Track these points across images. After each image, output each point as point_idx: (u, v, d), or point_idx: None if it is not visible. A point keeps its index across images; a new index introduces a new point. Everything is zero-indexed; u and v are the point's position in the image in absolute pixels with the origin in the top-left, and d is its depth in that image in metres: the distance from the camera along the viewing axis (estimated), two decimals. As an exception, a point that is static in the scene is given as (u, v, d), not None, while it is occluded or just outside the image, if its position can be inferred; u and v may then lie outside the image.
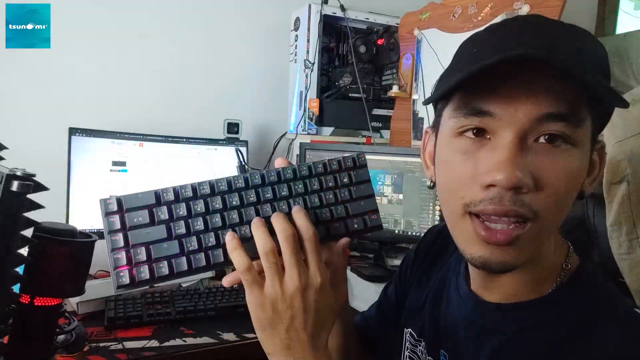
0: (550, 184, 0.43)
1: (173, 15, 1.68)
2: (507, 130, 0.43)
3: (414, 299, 0.69)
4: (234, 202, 0.52)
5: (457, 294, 0.59)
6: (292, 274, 0.48)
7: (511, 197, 0.42)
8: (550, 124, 0.42)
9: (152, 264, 0.49)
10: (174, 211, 0.50)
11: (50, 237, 0.66)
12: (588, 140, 0.45)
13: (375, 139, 1.73)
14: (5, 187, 0.58)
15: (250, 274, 0.48)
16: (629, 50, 2.04)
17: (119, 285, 0.49)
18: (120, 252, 0.49)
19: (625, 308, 0.48)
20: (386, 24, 1.79)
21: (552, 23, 0.45)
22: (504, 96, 0.43)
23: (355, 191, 0.57)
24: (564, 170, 0.43)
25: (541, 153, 0.43)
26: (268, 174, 0.54)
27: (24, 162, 0.63)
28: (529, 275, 0.51)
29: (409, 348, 0.66)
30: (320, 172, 0.56)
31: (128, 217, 0.49)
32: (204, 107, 1.75)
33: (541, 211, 0.43)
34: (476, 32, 0.50)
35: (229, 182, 0.52)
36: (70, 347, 0.85)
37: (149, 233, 0.49)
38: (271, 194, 0.53)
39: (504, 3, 1.36)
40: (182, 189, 0.51)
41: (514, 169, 0.41)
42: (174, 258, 0.50)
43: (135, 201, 0.50)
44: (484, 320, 0.54)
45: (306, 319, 0.49)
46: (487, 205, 0.43)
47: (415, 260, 0.73)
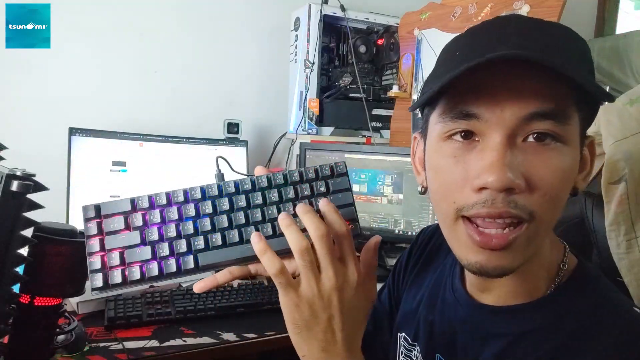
0: (542, 183, 0.42)
1: (173, 15, 1.68)
2: (495, 132, 0.42)
3: (408, 302, 0.68)
4: (207, 210, 0.53)
5: (453, 296, 0.58)
6: (329, 272, 0.47)
7: (504, 199, 0.42)
8: (538, 122, 0.42)
9: (125, 268, 0.51)
10: (148, 218, 0.52)
11: (50, 237, 0.67)
12: (577, 136, 0.45)
13: (375, 139, 1.73)
14: (5, 187, 0.58)
15: (284, 276, 0.47)
16: (628, 50, 2.05)
17: (93, 288, 0.51)
18: (96, 256, 0.51)
19: (625, 308, 0.48)
20: (386, 24, 1.80)
21: (533, 22, 0.45)
22: (489, 98, 0.42)
23: (332, 200, 0.55)
24: (555, 169, 0.42)
25: (531, 152, 0.42)
26: (242, 183, 0.55)
27: (24, 162, 0.64)
28: (526, 276, 0.50)
29: (404, 353, 0.65)
30: (296, 181, 0.55)
31: (105, 223, 0.52)
32: (204, 107, 1.75)
33: (536, 211, 0.42)
34: (458, 35, 0.49)
35: (202, 190, 0.54)
36: (70, 347, 0.86)
37: (123, 238, 0.51)
38: (244, 202, 0.54)
39: (504, 3, 1.36)
40: (156, 196, 0.53)
41: (505, 171, 0.41)
42: (146, 263, 0.51)
43: (111, 208, 0.52)
44: (482, 323, 0.53)
45: (343, 319, 0.48)
46: (480, 208, 0.43)
47: (409, 262, 0.72)
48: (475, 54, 0.42)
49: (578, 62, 0.43)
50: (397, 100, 1.73)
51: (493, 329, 0.52)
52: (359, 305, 0.50)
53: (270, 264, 0.47)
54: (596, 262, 0.89)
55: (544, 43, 0.42)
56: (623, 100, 0.87)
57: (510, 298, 0.51)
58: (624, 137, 0.82)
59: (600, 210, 0.85)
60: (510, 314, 0.51)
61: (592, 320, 0.46)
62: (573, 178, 0.46)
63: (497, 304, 0.52)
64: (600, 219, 0.85)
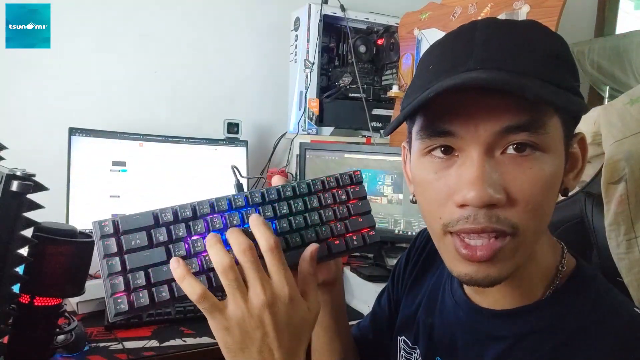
0: (523, 195, 0.42)
1: (173, 15, 1.68)
2: (472, 148, 0.43)
3: (407, 305, 0.67)
4: (235, 221, 0.51)
5: (453, 299, 0.58)
6: (256, 288, 0.44)
7: (485, 214, 0.42)
8: (513, 135, 0.42)
9: (152, 288, 0.46)
10: (173, 232, 0.48)
11: (50, 237, 0.67)
12: (559, 139, 0.44)
13: (375, 139, 1.73)
14: (5, 187, 0.58)
15: (208, 301, 0.44)
16: (629, 50, 2.05)
17: (116, 313, 0.45)
18: (117, 277, 0.46)
19: (624, 308, 0.48)
20: (386, 24, 1.80)
21: (499, 29, 0.44)
22: (463, 115, 0.43)
23: (353, 208, 0.57)
24: (535, 179, 0.42)
25: (510, 164, 0.42)
26: (268, 192, 0.53)
27: (24, 162, 0.64)
28: (523, 279, 0.50)
29: (404, 356, 0.65)
30: (319, 189, 0.56)
31: (125, 239, 0.46)
32: (204, 107, 1.75)
33: (519, 224, 0.42)
34: (432, 44, 0.50)
35: (229, 200, 0.51)
36: (70, 347, 0.86)
37: (147, 256, 0.47)
38: (272, 212, 0.53)
39: (504, 3, 1.36)
40: (181, 209, 0.49)
41: (484, 187, 0.41)
42: (175, 282, 0.46)
43: (132, 223, 0.47)
44: (481, 326, 0.53)
45: (279, 336, 0.45)
46: (464, 224, 0.43)
47: (407, 265, 0.72)
48: (445, 69, 0.43)
49: (547, 67, 0.42)
50: (397, 100, 1.74)
51: (493, 331, 0.52)
52: (297, 318, 0.46)
53: (190, 290, 0.44)
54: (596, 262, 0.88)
55: (508, 55, 0.42)
56: (623, 100, 0.87)
57: (509, 301, 0.51)
58: (624, 137, 0.81)
59: (600, 210, 0.85)
60: (510, 316, 0.51)
61: (591, 321, 0.46)
62: (557, 184, 0.45)
63: (496, 307, 0.52)
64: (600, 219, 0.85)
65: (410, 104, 0.44)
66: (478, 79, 0.40)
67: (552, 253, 0.52)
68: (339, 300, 0.68)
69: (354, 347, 0.74)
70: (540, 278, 0.50)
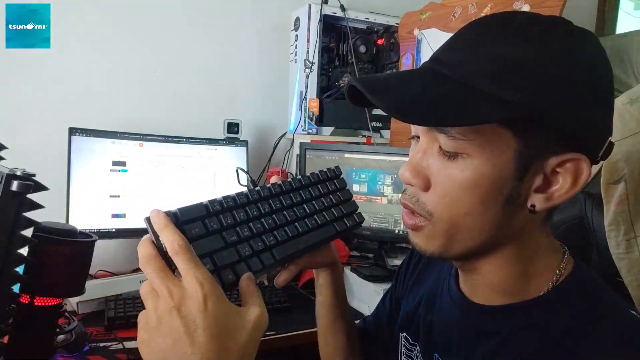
0: (440, 186, 0.48)
1: (173, 15, 1.68)
2: (421, 136, 0.50)
3: (409, 303, 0.69)
4: (266, 209, 0.58)
5: (449, 296, 0.59)
6: (163, 294, 0.43)
7: (409, 192, 0.51)
8: (438, 134, 0.47)
9: (220, 271, 0.50)
10: (223, 220, 0.53)
11: (50, 237, 0.67)
12: (502, 151, 0.44)
13: (375, 139, 1.73)
14: (5, 187, 0.58)
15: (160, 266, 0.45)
16: (629, 50, 2.05)
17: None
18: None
19: (620, 310, 0.48)
20: (386, 24, 1.80)
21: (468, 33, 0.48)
22: None
23: (341, 195, 0.68)
24: (453, 176, 0.46)
25: (437, 159, 0.48)
26: (284, 183, 0.62)
27: (24, 162, 0.64)
28: (516, 276, 0.51)
29: (405, 353, 0.67)
30: (316, 181, 0.67)
31: (187, 229, 0.49)
32: (204, 107, 1.75)
33: (434, 211, 0.48)
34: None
35: (257, 191, 0.59)
36: (70, 347, 0.86)
37: (208, 243, 0.50)
38: (280, 203, 0.61)
39: (504, 3, 1.36)
40: (224, 199, 0.54)
41: (406, 169, 0.50)
42: (236, 264, 0.51)
43: (189, 213, 0.50)
44: (474, 322, 0.54)
45: (192, 338, 0.42)
46: (402, 195, 0.53)
47: (410, 264, 0.74)
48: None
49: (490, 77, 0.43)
50: (397, 100, 1.73)
51: (484, 327, 0.52)
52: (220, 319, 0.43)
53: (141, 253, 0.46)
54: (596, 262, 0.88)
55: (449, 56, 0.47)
56: (623, 100, 0.87)
57: (500, 297, 0.52)
58: (624, 137, 0.81)
59: (600, 211, 0.85)
60: (502, 312, 0.51)
61: (585, 321, 0.46)
62: (486, 190, 0.45)
63: (489, 303, 0.53)
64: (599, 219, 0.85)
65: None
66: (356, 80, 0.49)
67: (551, 255, 0.52)
68: (339, 280, 0.74)
69: (356, 328, 0.79)
70: (536, 278, 0.51)
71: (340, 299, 0.74)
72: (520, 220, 0.48)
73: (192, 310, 0.42)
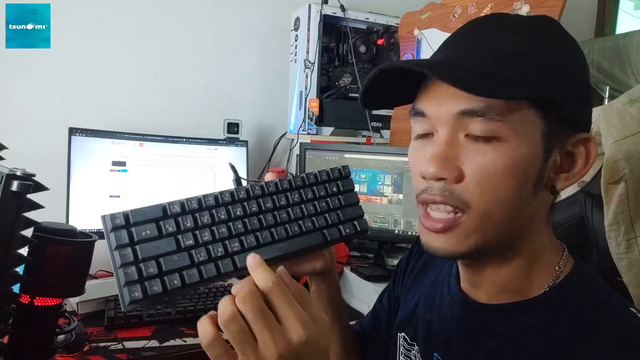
0: (476, 174, 0.46)
1: (173, 15, 1.68)
2: (440, 128, 0.48)
3: (407, 302, 0.69)
4: (238, 212, 0.54)
5: (449, 295, 0.59)
6: (266, 340, 0.40)
7: (439, 187, 0.47)
8: (471, 119, 0.45)
9: (164, 276, 0.48)
10: (181, 223, 0.51)
11: (50, 237, 0.66)
12: (531, 131, 0.46)
13: (375, 139, 1.73)
14: (5, 187, 0.58)
15: (216, 348, 0.41)
16: (629, 50, 2.05)
17: (131, 301, 0.46)
18: (129, 267, 0.47)
19: (620, 308, 0.48)
20: (386, 24, 1.80)
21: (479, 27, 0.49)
22: (434, 97, 0.48)
23: (344, 199, 0.62)
24: (490, 161, 0.45)
25: (469, 146, 0.46)
26: (267, 185, 0.57)
27: (24, 162, 0.64)
28: (518, 274, 0.51)
29: (403, 353, 0.66)
30: (312, 182, 0.60)
31: (136, 230, 0.48)
32: (204, 107, 1.75)
33: (472, 201, 0.46)
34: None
35: (231, 193, 0.54)
36: (70, 347, 0.85)
37: (157, 246, 0.49)
38: (271, 203, 0.56)
39: (504, 3, 1.36)
40: (188, 201, 0.52)
41: (436, 162, 0.46)
42: (185, 270, 0.49)
43: (142, 215, 0.49)
44: (475, 321, 0.54)
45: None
46: (424, 194, 0.49)
47: (409, 263, 0.73)
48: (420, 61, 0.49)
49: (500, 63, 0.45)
50: (397, 100, 1.73)
51: (486, 327, 0.52)
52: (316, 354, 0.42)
53: (201, 333, 0.42)
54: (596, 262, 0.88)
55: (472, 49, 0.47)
56: (623, 100, 0.87)
57: (502, 296, 0.52)
58: (624, 137, 0.81)
59: (600, 210, 0.85)
60: (503, 312, 0.51)
61: (586, 320, 0.46)
62: (520, 172, 0.46)
63: (490, 302, 0.53)
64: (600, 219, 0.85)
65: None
66: (400, 63, 0.46)
67: (552, 253, 0.52)
68: (334, 288, 0.70)
69: (353, 334, 0.76)
70: (538, 276, 0.51)
71: (333, 307, 0.70)
72: (535, 206, 0.49)
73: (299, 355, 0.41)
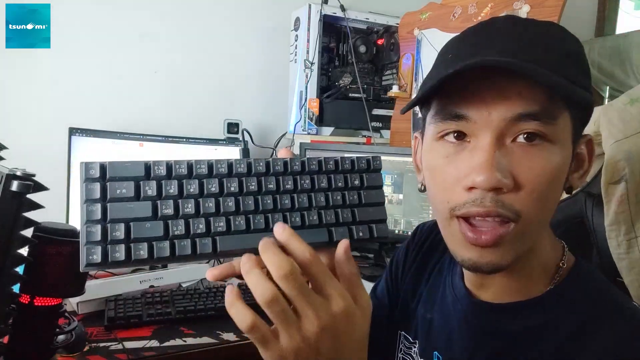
0: (529, 182, 0.43)
1: (173, 15, 1.68)
2: (484, 133, 0.44)
3: (407, 300, 0.67)
4: (232, 188, 0.46)
5: (453, 293, 0.58)
6: (308, 315, 0.40)
7: (492, 198, 0.43)
8: (524, 123, 0.43)
9: (130, 244, 0.42)
10: (164, 188, 0.44)
11: (50, 237, 0.66)
12: (568, 135, 0.45)
13: (375, 139, 1.73)
14: (5, 187, 0.58)
15: (259, 331, 0.40)
16: (629, 50, 2.05)
17: (88, 263, 0.42)
18: (95, 225, 0.42)
19: (623, 303, 0.48)
20: (386, 24, 1.80)
21: (521, 24, 0.46)
22: (477, 100, 0.44)
23: (365, 196, 0.51)
24: (542, 168, 0.43)
25: (519, 152, 0.43)
26: (274, 163, 0.48)
27: (24, 162, 0.63)
28: (524, 274, 0.50)
29: (403, 350, 0.66)
30: (331, 170, 0.50)
31: (110, 186, 0.43)
32: (204, 107, 1.75)
33: (523, 211, 0.43)
34: (452, 37, 0.51)
35: (229, 164, 0.47)
36: (70, 347, 0.85)
37: (131, 208, 0.43)
38: (274, 185, 0.47)
39: (504, 3, 1.36)
40: (176, 164, 0.45)
41: (493, 170, 0.42)
42: (156, 241, 0.43)
43: (121, 170, 0.43)
44: (480, 321, 0.53)
45: (341, 356, 0.41)
46: (470, 207, 0.44)
47: (406, 259, 0.71)
48: (463, 57, 0.44)
49: (560, 63, 0.43)
50: (397, 100, 1.73)
51: (491, 326, 0.52)
52: (357, 330, 0.42)
53: (239, 319, 0.40)
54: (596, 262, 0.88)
55: (525, 48, 0.43)
56: (623, 100, 0.87)
57: (508, 295, 0.51)
58: (625, 137, 0.82)
59: (600, 210, 0.85)
60: (509, 311, 0.51)
61: (591, 316, 0.46)
62: (563, 177, 0.46)
63: (495, 301, 0.53)
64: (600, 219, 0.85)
65: (430, 82, 0.44)
66: (494, 60, 0.41)
67: (553, 251, 0.52)
68: None
69: None
70: (541, 274, 0.51)
71: None
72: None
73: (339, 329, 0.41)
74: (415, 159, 0.59)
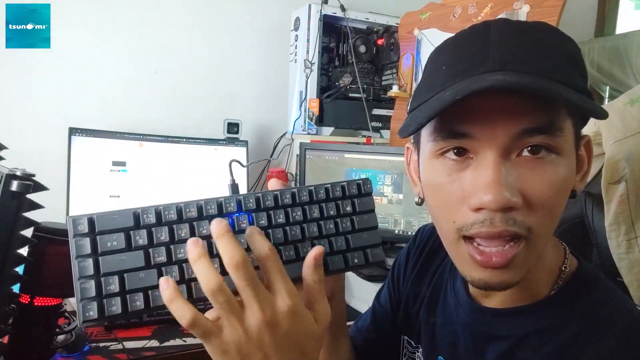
0: (540, 198, 0.42)
1: (173, 15, 1.68)
2: (488, 150, 0.42)
3: (409, 304, 0.67)
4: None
5: (455, 298, 0.58)
6: (253, 307, 0.39)
7: (502, 218, 0.41)
8: (530, 137, 0.41)
9: (126, 295, 0.42)
10: (155, 235, 0.43)
11: (50, 237, 0.66)
12: (572, 143, 0.44)
13: (375, 139, 1.73)
14: (5, 187, 0.58)
15: (200, 326, 0.39)
16: (629, 50, 2.05)
17: (84, 320, 0.41)
18: (88, 280, 0.41)
19: (627, 306, 0.48)
20: (386, 24, 1.80)
21: (513, 29, 0.44)
22: (480, 117, 0.42)
23: (358, 221, 0.51)
24: (551, 182, 0.42)
25: (526, 167, 0.42)
26: (264, 198, 0.48)
27: (24, 162, 0.64)
28: (528, 279, 0.49)
29: (407, 355, 0.65)
30: (322, 199, 0.50)
31: (100, 240, 0.42)
32: (204, 107, 1.75)
33: (534, 226, 0.42)
34: (442, 44, 0.49)
35: (219, 204, 0.46)
36: (70, 347, 0.85)
37: (123, 260, 0.42)
38: (266, 220, 0.47)
39: (504, 3, 1.36)
40: (165, 210, 0.44)
41: (501, 190, 0.40)
42: (152, 290, 0.42)
43: (109, 222, 0.43)
44: (484, 326, 0.53)
45: (282, 354, 0.40)
46: (479, 228, 0.42)
47: (407, 263, 0.71)
48: (460, 72, 0.42)
49: (563, 69, 0.42)
50: (397, 100, 1.73)
51: (495, 331, 0.52)
52: (302, 333, 0.41)
53: (180, 314, 0.39)
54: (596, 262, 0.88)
55: (525, 57, 0.41)
56: (623, 100, 0.87)
57: (513, 301, 0.51)
58: (625, 137, 0.82)
59: (600, 210, 0.85)
60: (512, 316, 0.51)
61: (594, 320, 0.46)
62: (570, 186, 0.45)
63: (497, 306, 0.52)
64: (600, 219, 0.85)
65: (431, 106, 0.42)
66: (505, 82, 0.39)
67: (555, 254, 0.52)
68: (337, 316, 0.62)
69: (353, 351, 0.71)
70: (544, 278, 0.50)
71: (336, 336, 0.64)
72: None
73: (283, 326, 0.40)
74: (409, 171, 0.57)
